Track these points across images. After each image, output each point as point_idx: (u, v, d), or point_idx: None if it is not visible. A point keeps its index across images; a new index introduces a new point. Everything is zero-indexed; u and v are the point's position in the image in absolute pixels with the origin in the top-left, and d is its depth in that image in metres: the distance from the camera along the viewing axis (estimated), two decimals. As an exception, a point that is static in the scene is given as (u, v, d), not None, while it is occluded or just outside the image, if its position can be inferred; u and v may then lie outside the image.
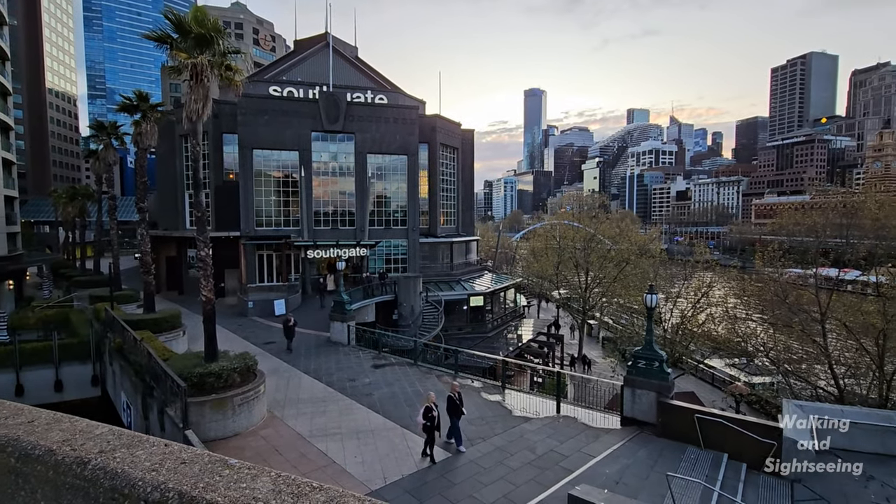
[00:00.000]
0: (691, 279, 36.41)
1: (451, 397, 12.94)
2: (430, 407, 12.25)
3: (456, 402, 12.84)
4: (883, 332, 21.74)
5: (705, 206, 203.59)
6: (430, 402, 12.43)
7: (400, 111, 41.39)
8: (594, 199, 69.90)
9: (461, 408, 12.89)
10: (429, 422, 12.12)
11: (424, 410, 12.26)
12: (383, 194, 41.98)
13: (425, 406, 12.35)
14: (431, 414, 12.13)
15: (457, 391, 13.10)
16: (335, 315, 25.00)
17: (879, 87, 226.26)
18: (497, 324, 40.40)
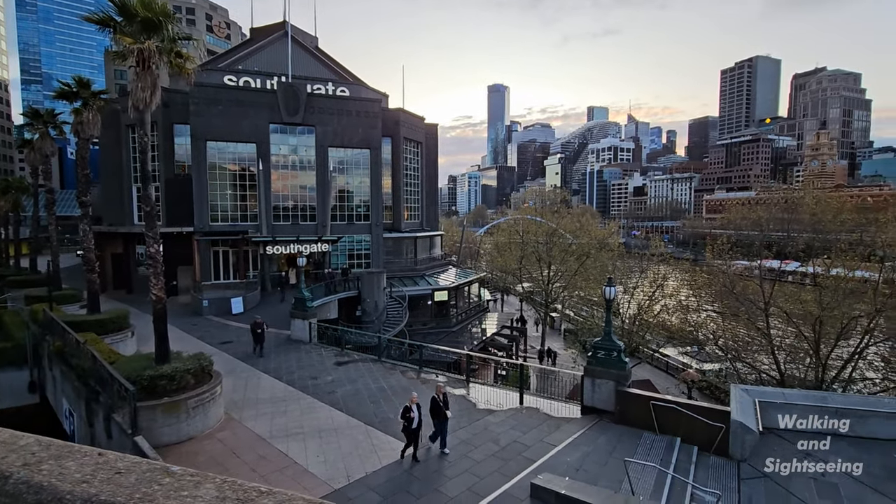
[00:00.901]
0: (647, 272, 37.83)
1: (435, 399, 12.48)
2: (408, 407, 11.89)
3: (439, 403, 12.38)
4: (819, 319, 23.30)
5: (660, 201, 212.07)
6: (412, 402, 12.03)
7: (362, 104, 40.68)
8: (556, 194, 71.32)
9: (445, 410, 12.40)
10: (406, 422, 11.79)
11: (403, 410, 11.94)
12: (346, 189, 41.23)
13: (405, 406, 12.00)
14: (409, 415, 11.76)
15: (441, 392, 12.63)
16: (296, 312, 24.41)
17: (817, 91, 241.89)
18: (461, 318, 40.62)
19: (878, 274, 24.77)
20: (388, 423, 14.65)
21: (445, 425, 12.47)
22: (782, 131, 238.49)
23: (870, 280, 24.74)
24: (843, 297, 23.42)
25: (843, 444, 12.31)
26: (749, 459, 11.95)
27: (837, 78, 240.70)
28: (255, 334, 21.96)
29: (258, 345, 21.95)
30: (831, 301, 23.27)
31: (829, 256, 27.68)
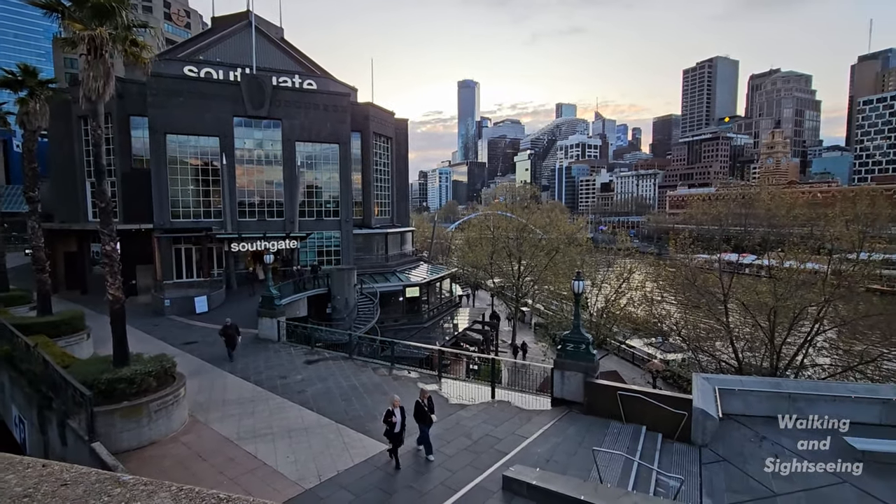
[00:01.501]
0: (614, 266, 38.80)
1: (419, 403, 12.08)
2: (390, 411, 11.57)
3: (424, 408, 11.98)
4: (773, 309, 24.50)
5: (626, 197, 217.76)
6: (394, 405, 11.68)
7: (330, 98, 39.92)
8: (526, 190, 72.03)
9: (430, 415, 12.01)
10: (389, 426, 11.51)
11: (385, 413, 11.64)
12: (314, 184, 40.43)
13: (387, 410, 11.69)
14: (391, 419, 11.46)
15: (426, 397, 12.19)
16: (263, 311, 23.83)
17: (772, 91, 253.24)
18: (433, 314, 40.60)
19: (826, 266, 26.21)
20: (360, 420, 14.53)
21: (428, 431, 12.13)
22: (740, 130, 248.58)
23: (819, 272, 26.15)
24: (796, 288, 24.69)
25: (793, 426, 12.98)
26: (710, 445, 12.45)
27: (790, 79, 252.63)
28: (227, 337, 20.58)
29: (231, 348, 20.66)
30: (784, 292, 24.49)
31: (782, 249, 29.10)
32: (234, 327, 20.81)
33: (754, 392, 13.86)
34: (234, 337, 20.67)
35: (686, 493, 10.57)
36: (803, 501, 9.97)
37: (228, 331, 20.55)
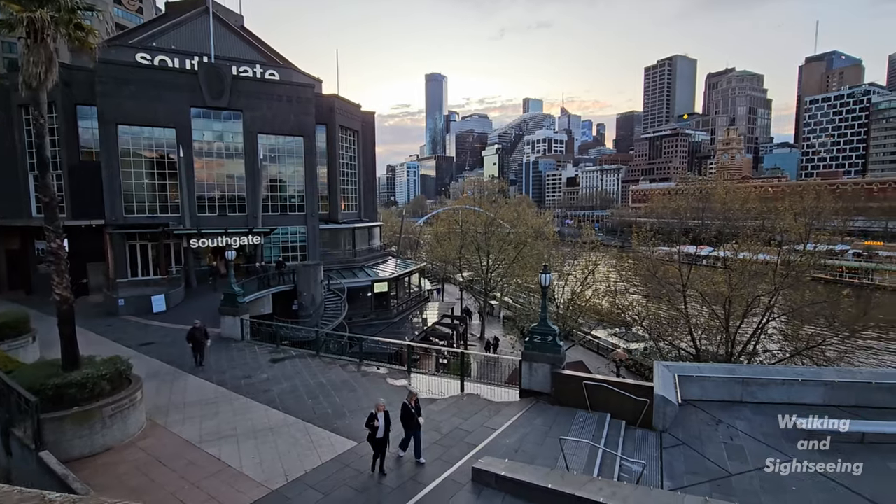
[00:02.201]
0: (580, 259, 39.67)
1: (406, 405, 11.54)
2: (373, 415, 10.94)
3: (411, 410, 11.46)
4: (728, 298, 25.66)
5: (591, 191, 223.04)
6: (378, 410, 11.03)
7: (294, 89, 38.84)
8: (494, 184, 72.46)
9: (417, 417, 11.50)
10: (371, 431, 10.91)
11: (368, 418, 11.00)
12: (278, 178, 39.33)
13: (370, 414, 11.05)
14: (373, 423, 10.86)
15: (414, 399, 11.63)
16: (226, 309, 23.08)
17: (727, 90, 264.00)
18: (402, 309, 40.41)
19: (776, 257, 27.62)
20: (328, 418, 14.33)
21: (419, 433, 11.67)
22: (698, 126, 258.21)
23: (770, 262, 27.54)
24: (749, 279, 25.91)
25: (746, 410, 13.67)
26: (670, 430, 12.93)
27: (744, 78, 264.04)
28: (194, 342, 18.86)
29: (198, 354, 19.04)
30: (738, 282, 25.67)
31: (736, 242, 30.47)
32: (203, 330, 19.02)
33: (711, 378, 14.49)
34: (203, 341, 19.01)
35: (648, 476, 10.95)
36: (756, 481, 10.49)
37: (196, 334, 18.81)
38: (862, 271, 67.47)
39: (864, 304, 25.88)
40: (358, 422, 14.04)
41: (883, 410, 12.90)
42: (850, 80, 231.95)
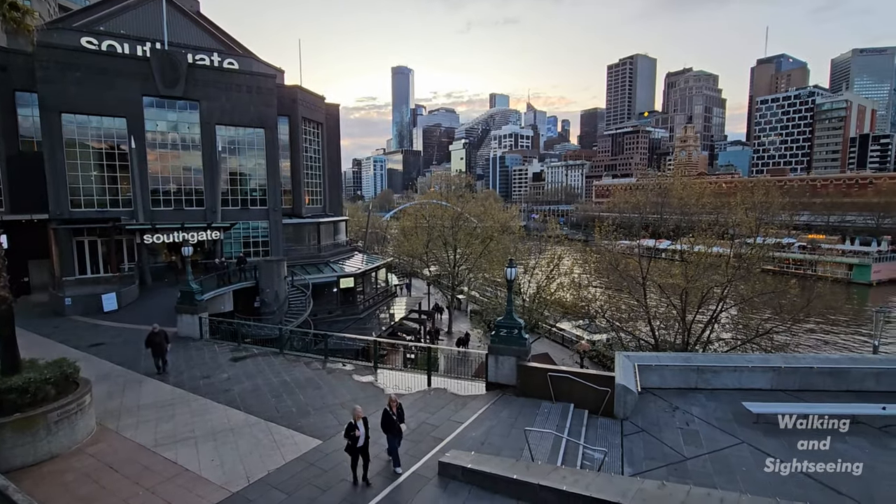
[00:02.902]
0: (545, 252, 40.37)
1: (387, 411, 10.99)
2: (352, 424, 10.31)
3: (392, 416, 10.93)
4: (685, 290, 26.74)
5: (557, 186, 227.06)
6: (356, 417, 10.39)
7: (254, 79, 37.52)
8: (461, 179, 72.85)
9: (398, 424, 10.95)
10: (351, 441, 10.27)
11: (347, 427, 10.37)
12: (238, 171, 38.00)
13: (349, 423, 10.41)
14: (353, 433, 10.23)
15: (395, 404, 11.11)
16: (183, 307, 22.17)
17: (685, 89, 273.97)
18: (369, 304, 39.98)
19: (729, 250, 28.94)
20: (292, 417, 14.03)
21: (398, 441, 11.07)
22: (657, 124, 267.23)
23: (723, 255, 28.83)
24: (704, 271, 27.07)
25: (701, 396, 14.30)
26: (630, 417, 13.36)
27: (700, 78, 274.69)
28: (153, 347, 17.37)
29: (159, 359, 17.58)
30: (694, 274, 26.78)
31: (692, 235, 31.72)
32: (163, 335, 17.55)
33: (669, 367, 15.06)
34: (164, 346, 17.52)
35: (609, 463, 11.28)
36: (708, 463, 10.99)
37: (156, 339, 17.31)
38: (806, 263, 71.71)
39: (808, 293, 27.49)
40: (323, 420, 13.85)
41: (822, 393, 13.77)
42: (796, 82, 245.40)
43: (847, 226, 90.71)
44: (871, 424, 12.07)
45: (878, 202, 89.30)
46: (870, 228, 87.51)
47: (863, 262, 72.76)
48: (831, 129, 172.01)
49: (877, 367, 14.23)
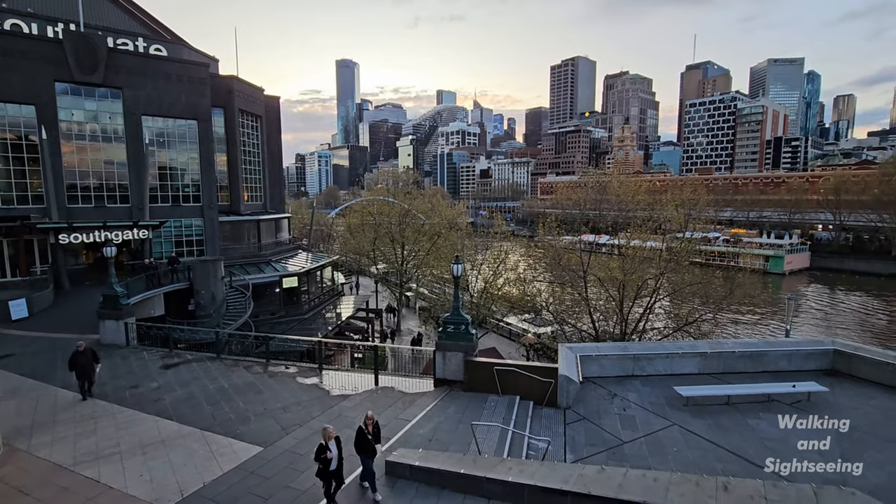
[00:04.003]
0: (492, 248, 41.00)
1: (362, 429, 9.96)
2: (322, 446, 9.24)
3: (366, 435, 9.90)
4: (622, 282, 28.10)
5: (503, 183, 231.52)
6: (328, 438, 9.35)
7: (185, 67, 35.18)
8: (409, 175, 72.50)
9: (374, 443, 9.98)
10: (322, 465, 9.22)
11: (318, 450, 9.25)
12: (169, 165, 35.51)
13: (319, 445, 9.31)
14: (325, 455, 9.16)
15: (371, 422, 10.11)
16: (106, 312, 20.45)
17: (622, 91, 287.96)
18: (314, 304, 38.81)
19: (661, 244, 30.72)
20: (231, 424, 13.35)
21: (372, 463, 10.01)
22: (597, 124, 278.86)
23: (657, 249, 30.59)
24: (639, 264, 28.60)
25: (637, 382, 15.07)
26: (573, 406, 13.84)
27: (636, 81, 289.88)
28: (78, 369, 14.73)
29: (85, 381, 14.90)
30: (630, 267, 28.22)
31: (629, 231, 33.42)
32: (91, 354, 14.93)
33: (608, 356, 15.76)
34: (91, 367, 14.87)
35: (553, 451, 11.62)
36: (644, 446, 11.59)
37: (80, 359, 14.65)
38: (729, 255, 77.64)
39: (731, 283, 29.76)
40: (264, 426, 13.29)
41: (743, 375, 14.93)
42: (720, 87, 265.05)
43: (764, 221, 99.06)
44: (783, 401, 13.23)
45: (790, 199, 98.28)
46: (783, 223, 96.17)
47: (777, 254, 79.90)
48: (750, 131, 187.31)
49: (788, 350, 15.63)
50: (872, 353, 14.95)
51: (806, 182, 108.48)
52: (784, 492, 7.84)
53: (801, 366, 15.22)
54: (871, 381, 14.13)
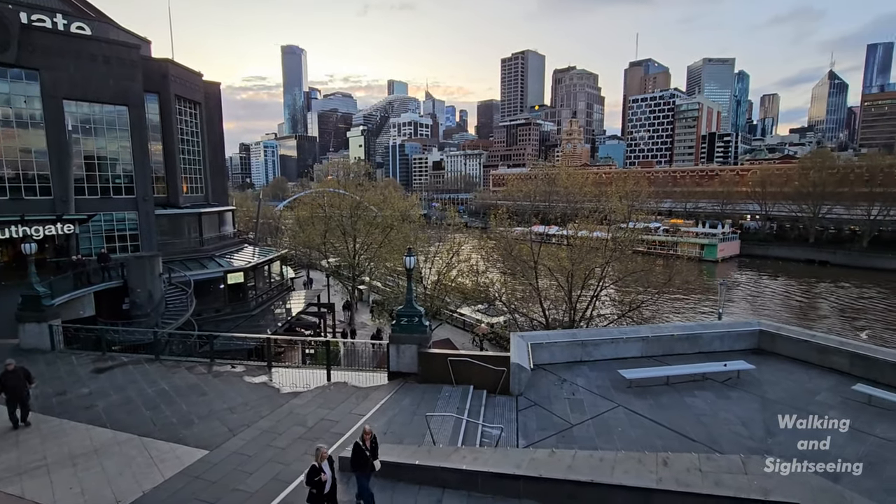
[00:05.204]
0: (445, 240, 41.15)
1: (359, 445, 9.16)
2: (315, 467, 8.31)
3: (365, 451, 9.08)
4: (571, 272, 29.07)
5: (456, 175, 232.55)
6: (321, 458, 8.42)
7: (112, 48, 32.48)
8: (360, 167, 70.95)
9: (371, 460, 9.11)
10: (315, 488, 8.26)
11: (309, 472, 8.31)
12: (97, 154, 32.76)
13: (311, 466, 8.36)
14: (318, 478, 8.24)
15: (369, 436, 9.28)
16: (27, 314, 18.73)
17: (570, 85, 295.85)
18: (262, 300, 37.42)
19: (607, 234, 31.99)
20: (173, 429, 12.68)
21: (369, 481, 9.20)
22: (547, 118, 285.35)
23: (603, 239, 31.83)
24: (586, 253, 29.67)
25: (585, 367, 15.69)
26: (525, 393, 14.22)
27: (583, 76, 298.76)
28: (7, 391, 12.45)
29: (16, 406, 12.61)
30: (578, 257, 29.24)
31: (577, 222, 34.55)
32: (22, 373, 12.71)
33: (557, 343, 16.29)
34: (24, 389, 12.65)
35: (506, 438, 11.89)
36: (591, 427, 12.10)
37: (10, 380, 12.36)
38: (669, 244, 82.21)
39: (670, 271, 31.55)
40: (209, 428, 12.74)
41: (681, 356, 15.90)
42: (661, 84, 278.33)
43: (700, 211, 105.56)
44: (715, 379, 14.23)
45: (722, 191, 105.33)
46: (717, 214, 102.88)
47: (711, 242, 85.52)
48: (687, 127, 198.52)
49: (720, 332, 16.80)
50: (792, 333, 16.37)
51: (736, 175, 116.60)
52: (716, 463, 8.43)
53: (731, 346, 16.40)
54: (791, 358, 15.47)
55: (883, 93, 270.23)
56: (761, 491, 7.39)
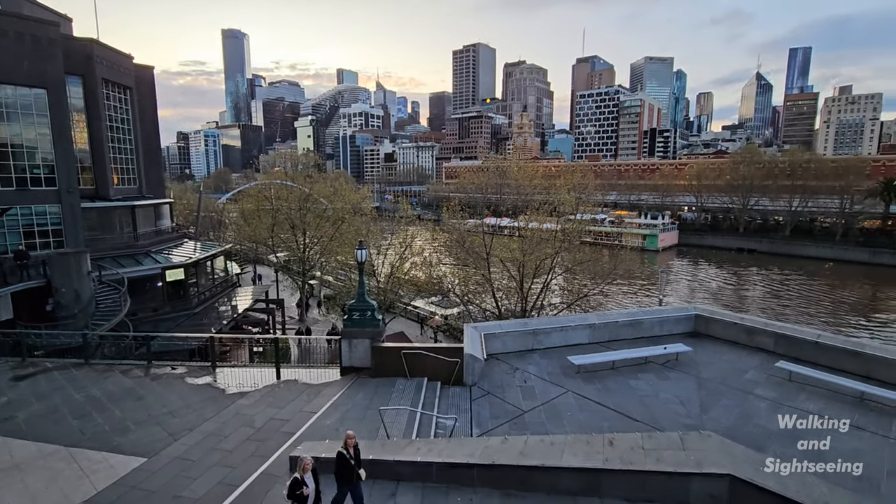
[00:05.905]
0: (398, 233, 40.79)
1: (342, 454, 8.51)
2: (297, 480, 7.80)
3: (349, 459, 8.47)
4: (522, 263, 29.67)
5: (408, 167, 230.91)
6: (303, 470, 7.93)
7: (27, 24, 29.40)
8: (309, 158, 68.68)
9: (358, 469, 8.51)
10: (297, 502, 7.79)
11: (291, 485, 7.77)
12: (11, 142, 29.65)
13: (293, 478, 7.87)
14: (300, 491, 7.74)
15: (353, 443, 8.68)
16: (-71, 319, 16.84)
17: (521, 79, 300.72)
18: (205, 297, 35.54)
19: (557, 225, 32.88)
20: (105, 437, 11.86)
21: (360, 491, 8.60)
22: (498, 111, 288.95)
23: (553, 230, 32.68)
24: (537, 244, 30.36)
25: (536, 356, 16.09)
26: (478, 383, 14.39)
27: (533, 71, 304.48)
28: None
29: None
30: (529, 248, 29.88)
31: (528, 213, 35.26)
32: None
33: (510, 333, 16.58)
34: None
35: (460, 427, 11.99)
36: (542, 413, 12.44)
37: None
38: (614, 235, 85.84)
39: (615, 260, 32.91)
40: (147, 434, 12.02)
41: (625, 342, 16.65)
42: (606, 80, 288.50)
43: (642, 203, 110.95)
44: (656, 362, 15.01)
45: (663, 184, 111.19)
46: (658, 205, 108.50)
47: (652, 232, 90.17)
48: (631, 122, 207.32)
49: (661, 317, 17.72)
50: (724, 316, 17.55)
51: (675, 169, 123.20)
52: (657, 440, 8.90)
53: (671, 330, 17.36)
54: (724, 340, 16.58)
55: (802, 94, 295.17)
56: (696, 464, 7.91)
